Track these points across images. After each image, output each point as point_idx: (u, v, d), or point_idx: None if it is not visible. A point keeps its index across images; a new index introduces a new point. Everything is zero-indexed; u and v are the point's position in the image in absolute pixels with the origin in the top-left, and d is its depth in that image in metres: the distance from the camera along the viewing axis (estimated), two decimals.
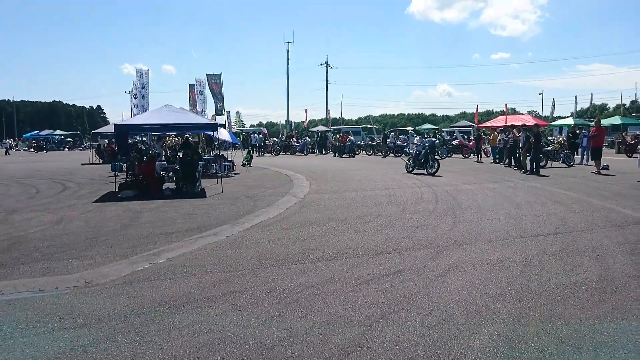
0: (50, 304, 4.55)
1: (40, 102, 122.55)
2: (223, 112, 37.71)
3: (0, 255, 6.45)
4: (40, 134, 64.66)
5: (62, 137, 63.58)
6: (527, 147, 17.57)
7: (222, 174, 16.86)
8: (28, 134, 68.04)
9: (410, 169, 17.91)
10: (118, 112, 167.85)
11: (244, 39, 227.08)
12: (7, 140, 62.77)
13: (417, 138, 21.23)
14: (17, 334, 3.83)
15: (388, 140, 32.07)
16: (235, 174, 18.64)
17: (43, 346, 3.60)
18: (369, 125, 50.74)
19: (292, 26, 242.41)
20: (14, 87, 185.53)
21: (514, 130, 20.18)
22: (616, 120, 41.02)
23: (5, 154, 46.41)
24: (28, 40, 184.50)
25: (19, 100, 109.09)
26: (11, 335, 3.82)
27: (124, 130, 14.66)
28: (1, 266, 5.92)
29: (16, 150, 58.47)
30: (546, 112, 60.23)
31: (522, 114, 54.17)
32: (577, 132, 23.47)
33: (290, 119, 60.93)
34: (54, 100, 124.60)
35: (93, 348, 3.55)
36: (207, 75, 37.12)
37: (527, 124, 22.08)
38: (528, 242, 6.70)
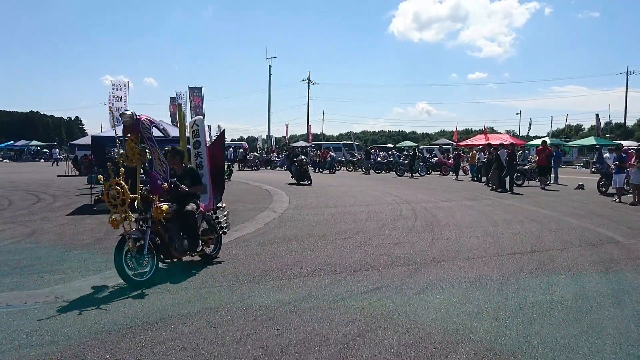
0: (18, 320, 4.40)
1: (17, 112, 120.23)
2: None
3: None
4: (15, 144, 63.39)
5: (38, 147, 62.38)
6: (497, 165, 18.04)
7: None
8: (3, 144, 66.64)
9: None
10: (97, 124, 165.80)
11: (227, 54, 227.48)
12: None
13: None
14: None
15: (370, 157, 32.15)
16: None
17: None
18: (349, 142, 51.00)
19: (274, 42, 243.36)
20: None
21: (491, 149, 20.53)
22: (591, 140, 41.97)
23: None
24: (5, 49, 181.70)
25: None
26: None
27: (101, 143, 14.44)
28: None
29: None
30: (524, 132, 61.52)
31: (500, 133, 55.23)
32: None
33: (271, 134, 60.85)
34: (31, 111, 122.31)
35: None
36: (189, 88, 36.93)
37: (505, 143, 22.48)
38: (505, 260, 6.74)
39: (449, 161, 28.91)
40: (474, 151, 25.24)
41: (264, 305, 4.81)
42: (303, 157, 21.99)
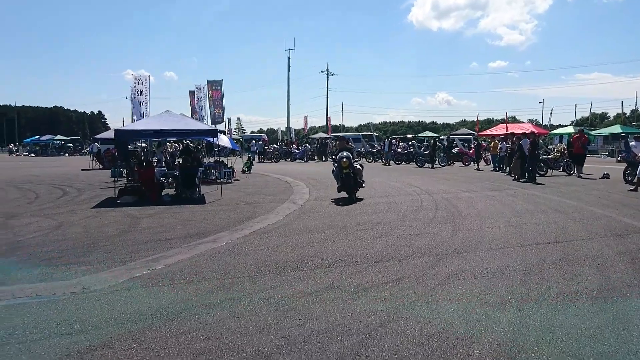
0: (47, 310, 4.52)
1: (41, 107, 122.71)
2: (223, 119, 37.74)
3: None
4: (40, 139, 64.72)
5: (63, 142, 63.59)
6: (520, 155, 17.77)
7: (222, 180, 16.85)
8: (29, 139, 68.09)
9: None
10: (119, 118, 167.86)
11: (246, 46, 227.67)
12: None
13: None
14: (13, 340, 3.80)
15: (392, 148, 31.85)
16: (235, 180, 18.62)
17: (39, 352, 3.57)
18: (369, 133, 50.82)
19: (293, 34, 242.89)
20: (16, 92, 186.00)
21: (514, 139, 20.29)
22: (616, 129, 41.07)
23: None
24: (30, 45, 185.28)
25: (20, 105, 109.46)
26: (7, 341, 3.79)
27: (124, 136, 14.66)
28: None
29: (17, 155, 58.56)
30: (547, 121, 60.40)
31: (523, 122, 54.35)
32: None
33: (290, 126, 60.99)
34: (55, 106, 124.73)
35: (89, 355, 3.52)
36: (207, 81, 37.19)
37: (527, 132, 22.16)
38: (528, 251, 6.67)
39: (470, 151, 28.60)
40: (496, 141, 24.94)
41: (286, 295, 4.85)
42: (349, 149, 13.18)
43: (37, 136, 67.77)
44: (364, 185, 12.88)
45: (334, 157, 13.73)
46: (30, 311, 4.49)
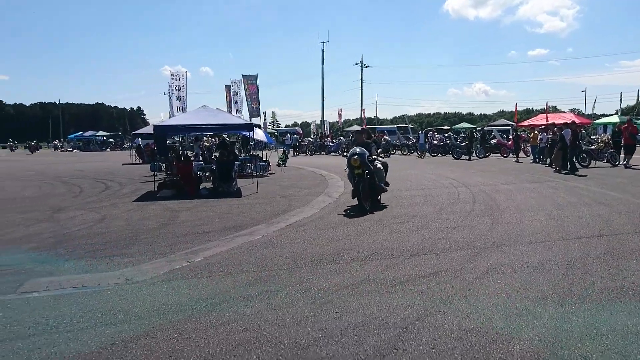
0: (93, 300, 4.69)
1: (84, 104, 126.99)
2: (260, 113, 38.06)
3: (46, 252, 6.71)
4: (84, 135, 66.92)
5: (104, 137, 65.56)
6: (561, 146, 17.24)
7: (258, 173, 17.02)
8: (73, 135, 70.51)
9: None
10: (157, 113, 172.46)
11: (280, 40, 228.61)
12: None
13: None
14: (62, 329, 3.97)
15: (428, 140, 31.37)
16: (270, 173, 18.79)
17: (86, 341, 3.71)
18: (404, 125, 50.31)
19: (327, 26, 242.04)
20: (60, 90, 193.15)
21: (555, 129, 19.70)
22: None
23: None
24: (73, 45, 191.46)
25: (64, 102, 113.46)
26: (57, 329, 3.96)
27: (162, 131, 14.99)
28: (47, 262, 6.15)
29: (61, 150, 60.77)
30: (590, 110, 58.34)
31: (564, 111, 52.63)
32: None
33: (324, 119, 60.98)
34: (97, 102, 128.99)
35: (133, 344, 3.64)
36: (243, 76, 37.52)
37: (569, 122, 21.46)
38: (570, 245, 6.48)
39: (509, 142, 27.91)
40: (536, 131, 24.26)
41: (322, 288, 4.88)
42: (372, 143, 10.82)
43: (80, 132, 70.16)
44: (387, 188, 10.37)
45: (345, 153, 10.79)
46: (77, 301, 4.68)
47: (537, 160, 22.47)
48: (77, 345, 3.64)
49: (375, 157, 10.16)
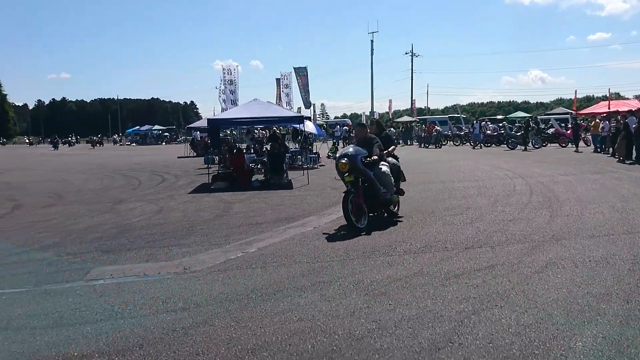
0: (154, 288, 4.89)
1: (140, 99, 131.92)
2: (310, 104, 38.25)
3: (109, 242, 7.04)
4: (140, 129, 69.49)
5: (160, 131, 67.81)
6: (625, 135, 16.33)
7: (308, 165, 17.15)
8: (130, 129, 73.39)
9: None
10: (210, 107, 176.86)
11: (328, 31, 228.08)
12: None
13: None
14: (126, 315, 4.17)
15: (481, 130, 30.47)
16: (320, 165, 18.89)
17: (149, 327, 3.88)
18: (456, 115, 49.24)
19: (376, 16, 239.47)
20: (118, 86, 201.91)
21: (618, 117, 18.70)
22: None
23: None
24: (128, 42, 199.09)
25: (122, 98, 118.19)
26: (121, 315, 4.16)
27: (215, 125, 15.35)
28: (111, 252, 6.46)
29: (120, 144, 63.43)
30: None
31: (628, 98, 49.71)
32: None
33: (374, 110, 60.56)
34: (153, 97, 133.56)
35: (193, 331, 3.77)
36: (294, 68, 37.78)
37: (634, 109, 20.30)
38: (636, 239, 6.16)
39: (568, 132, 26.74)
40: (597, 120, 23.13)
41: (375, 280, 4.87)
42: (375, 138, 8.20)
43: (137, 126, 72.85)
44: (397, 197, 8.14)
45: (337, 157, 8.52)
46: (139, 289, 4.89)
47: (599, 150, 21.45)
48: (140, 331, 3.81)
49: (377, 156, 7.60)
